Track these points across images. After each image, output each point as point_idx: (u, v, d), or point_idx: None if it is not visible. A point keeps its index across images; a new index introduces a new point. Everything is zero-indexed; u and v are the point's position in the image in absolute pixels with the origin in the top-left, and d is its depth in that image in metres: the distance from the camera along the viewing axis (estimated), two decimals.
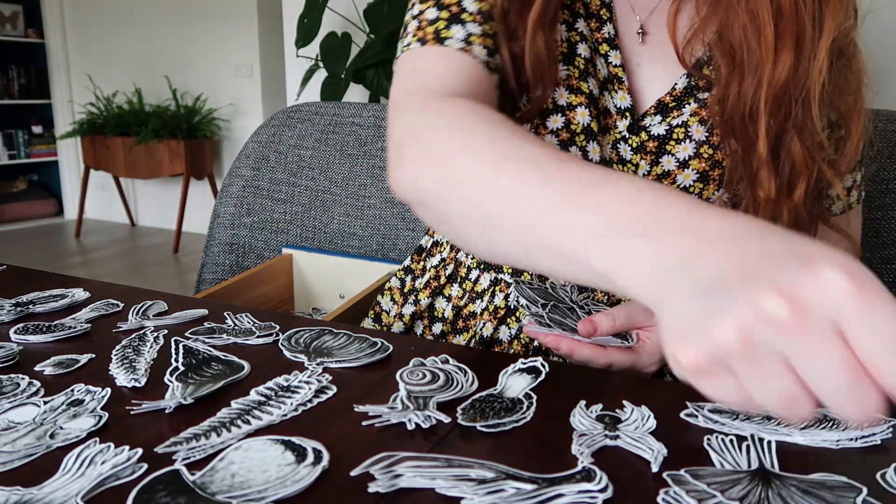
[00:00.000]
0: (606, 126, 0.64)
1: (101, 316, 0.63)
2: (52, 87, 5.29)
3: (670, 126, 0.63)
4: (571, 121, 0.63)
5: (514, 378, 0.50)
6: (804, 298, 0.28)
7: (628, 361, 0.57)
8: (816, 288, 0.28)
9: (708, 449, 0.41)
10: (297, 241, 1.15)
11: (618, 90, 0.64)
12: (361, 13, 2.49)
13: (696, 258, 0.32)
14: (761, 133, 0.53)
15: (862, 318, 0.28)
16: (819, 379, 0.29)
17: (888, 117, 0.89)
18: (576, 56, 0.62)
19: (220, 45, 4.49)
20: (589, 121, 0.63)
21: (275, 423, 0.43)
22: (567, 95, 0.62)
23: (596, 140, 0.63)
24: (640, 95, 0.65)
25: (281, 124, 1.19)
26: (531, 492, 0.35)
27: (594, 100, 0.63)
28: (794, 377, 0.29)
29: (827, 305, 0.28)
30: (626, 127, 0.64)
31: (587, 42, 0.63)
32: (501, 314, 0.72)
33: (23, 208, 5.27)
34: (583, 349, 0.56)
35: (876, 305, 0.28)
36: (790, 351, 0.29)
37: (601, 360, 0.56)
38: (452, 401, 0.46)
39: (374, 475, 0.37)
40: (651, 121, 0.64)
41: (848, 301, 0.28)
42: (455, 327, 0.75)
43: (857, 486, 0.37)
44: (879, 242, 0.87)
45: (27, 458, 0.39)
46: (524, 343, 0.71)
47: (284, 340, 0.57)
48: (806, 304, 0.28)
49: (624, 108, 0.63)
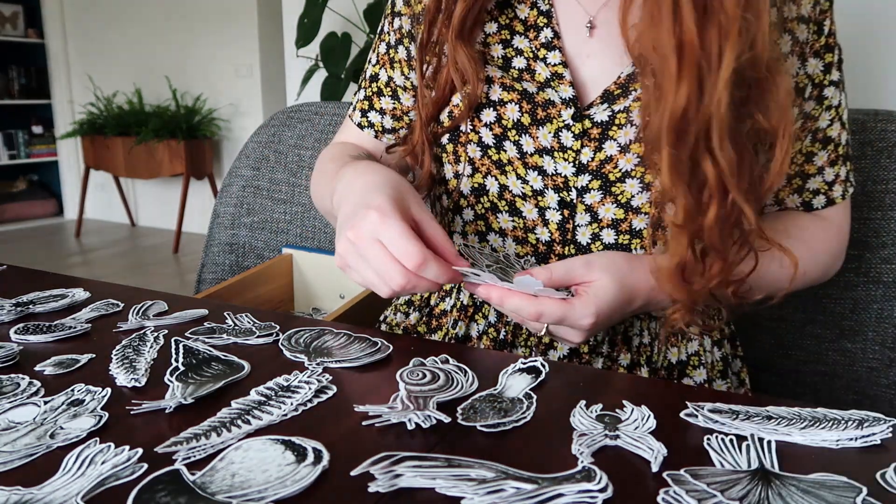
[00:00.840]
0: (548, 116, 0.67)
1: (101, 316, 0.63)
2: (52, 87, 5.29)
3: (613, 112, 0.66)
4: (502, 116, 0.69)
5: (514, 378, 0.50)
6: (360, 227, 0.55)
7: (559, 312, 0.57)
8: (363, 221, 0.55)
9: (708, 449, 0.41)
10: (297, 241, 1.15)
11: (560, 85, 0.67)
12: (361, 13, 2.49)
13: (342, 209, 0.60)
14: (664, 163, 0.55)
15: (382, 232, 0.54)
16: (375, 264, 0.55)
17: (888, 117, 0.89)
18: (511, 67, 0.69)
19: (220, 45, 4.49)
20: (519, 116, 0.68)
21: (275, 423, 0.43)
22: (500, 92, 0.69)
23: (529, 133, 0.68)
24: (587, 86, 0.68)
25: (281, 124, 1.19)
26: (531, 492, 0.35)
27: (528, 95, 0.68)
28: (373, 268, 0.55)
29: (369, 229, 0.55)
30: (570, 116, 0.67)
31: (524, 55, 0.69)
32: (470, 311, 0.75)
33: (23, 208, 5.27)
34: (512, 298, 0.57)
35: (388, 225, 0.54)
36: (360, 252, 0.55)
37: (531, 308, 0.57)
38: (452, 401, 0.46)
39: (374, 475, 0.37)
40: (596, 109, 0.66)
41: (377, 225, 0.54)
42: (429, 326, 0.79)
43: (857, 486, 0.37)
44: (879, 242, 0.87)
45: (27, 458, 0.39)
46: (492, 338, 0.73)
47: (284, 340, 0.57)
48: (360, 229, 0.55)
49: (567, 98, 0.67)
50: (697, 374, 0.72)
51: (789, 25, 0.64)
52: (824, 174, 0.70)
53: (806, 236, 0.69)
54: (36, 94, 5.31)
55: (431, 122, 0.72)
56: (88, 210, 5.19)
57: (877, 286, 0.87)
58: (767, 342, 0.94)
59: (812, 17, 0.65)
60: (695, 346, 0.73)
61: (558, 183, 0.68)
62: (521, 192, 0.70)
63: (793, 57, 0.65)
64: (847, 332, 0.90)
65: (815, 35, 0.65)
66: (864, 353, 0.89)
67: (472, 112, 0.70)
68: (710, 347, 0.74)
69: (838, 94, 0.68)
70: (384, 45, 0.79)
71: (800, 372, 0.93)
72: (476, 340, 0.74)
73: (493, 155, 0.70)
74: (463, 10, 0.66)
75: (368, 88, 0.81)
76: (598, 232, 0.68)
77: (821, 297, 0.90)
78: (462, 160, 0.72)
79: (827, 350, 0.91)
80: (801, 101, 0.67)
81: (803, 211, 0.72)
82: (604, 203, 0.67)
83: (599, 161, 0.66)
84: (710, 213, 0.55)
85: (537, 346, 0.72)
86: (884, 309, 0.87)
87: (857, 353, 0.89)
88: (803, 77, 0.66)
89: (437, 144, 0.74)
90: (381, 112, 0.80)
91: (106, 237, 4.84)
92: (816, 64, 0.66)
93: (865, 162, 0.87)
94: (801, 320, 0.92)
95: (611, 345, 0.71)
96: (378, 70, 0.79)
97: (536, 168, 0.68)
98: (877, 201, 0.87)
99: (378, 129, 0.81)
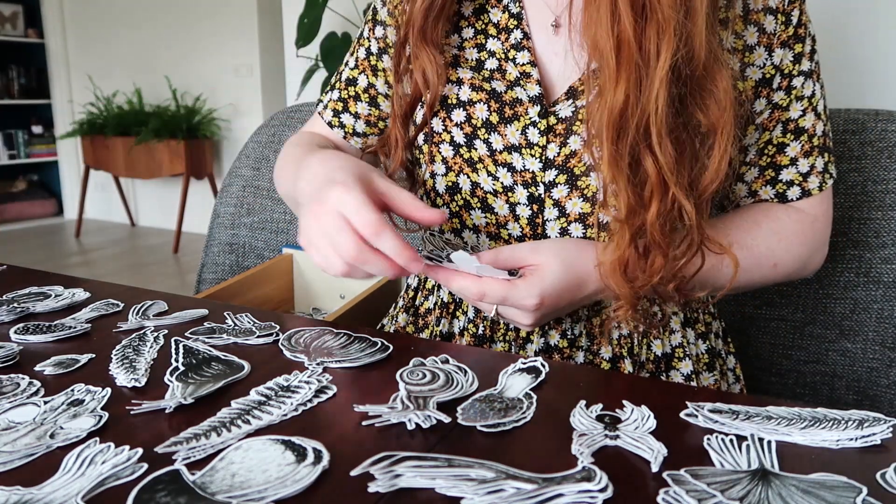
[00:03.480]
0: (516, 114, 0.69)
1: (101, 316, 0.63)
2: (52, 87, 5.29)
3: (576, 107, 0.67)
4: (472, 115, 0.71)
5: (514, 378, 0.50)
6: (323, 201, 0.56)
7: (501, 292, 0.59)
8: (327, 195, 0.55)
9: (708, 449, 0.41)
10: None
11: (528, 83, 0.69)
12: (361, 13, 2.49)
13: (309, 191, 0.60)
14: (604, 159, 0.57)
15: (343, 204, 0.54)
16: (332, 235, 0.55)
17: (888, 117, 0.89)
18: (483, 69, 0.71)
19: (220, 45, 4.49)
20: (488, 115, 0.70)
21: (275, 423, 0.43)
22: (469, 92, 0.71)
23: (497, 131, 0.70)
24: (554, 83, 0.69)
25: (281, 124, 1.19)
26: (531, 492, 0.35)
27: (496, 95, 0.70)
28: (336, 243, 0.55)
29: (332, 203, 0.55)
30: (536, 113, 0.68)
31: (496, 56, 0.71)
32: (451, 308, 0.76)
33: (23, 208, 5.27)
34: (456, 278, 0.60)
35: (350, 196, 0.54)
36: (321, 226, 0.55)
37: (474, 287, 0.59)
38: (452, 401, 0.46)
39: (374, 475, 0.37)
40: (561, 105, 0.67)
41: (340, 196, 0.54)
42: (417, 326, 0.80)
43: (857, 486, 0.37)
44: (879, 242, 0.87)
45: (27, 458, 0.39)
46: (472, 334, 0.74)
47: (284, 340, 0.57)
48: (323, 203, 0.55)
49: (534, 95, 0.68)
50: (684, 365, 0.72)
51: (755, 17, 0.65)
52: (798, 165, 0.69)
53: (778, 227, 0.69)
54: (36, 94, 5.31)
55: (405, 119, 0.74)
56: (88, 210, 5.19)
57: (877, 286, 0.87)
58: (767, 342, 0.94)
59: (780, 7, 0.65)
60: (678, 338, 0.73)
61: (527, 178, 0.69)
62: (492, 188, 0.71)
63: (759, 48, 0.66)
64: (847, 332, 0.90)
65: (783, 26, 0.66)
66: (864, 353, 0.89)
67: (434, 112, 0.72)
68: (693, 340, 0.74)
69: (811, 84, 0.68)
70: (363, 51, 0.80)
71: (800, 372, 0.93)
72: (458, 337, 0.76)
73: (464, 153, 0.71)
74: (422, 12, 0.68)
75: (344, 91, 0.82)
76: (566, 226, 0.69)
77: (821, 297, 0.90)
78: (436, 160, 0.73)
79: (827, 350, 0.91)
80: (768, 91, 0.67)
81: (778, 202, 0.71)
82: (570, 197, 0.68)
83: (565, 156, 0.67)
84: (651, 208, 0.56)
85: (515, 341, 0.72)
86: (884, 309, 0.87)
87: (858, 354, 0.89)
88: (770, 68, 0.66)
89: (415, 146, 0.76)
90: (356, 116, 0.81)
91: (106, 237, 4.84)
92: (785, 54, 0.66)
93: (865, 162, 0.87)
94: (801, 320, 0.92)
95: (590, 338, 0.71)
96: (357, 75, 0.80)
97: (506, 165, 0.69)
98: (877, 201, 0.87)
99: (348, 132, 0.82)
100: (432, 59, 0.69)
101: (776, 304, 0.93)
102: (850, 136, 0.88)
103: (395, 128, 0.74)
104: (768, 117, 0.68)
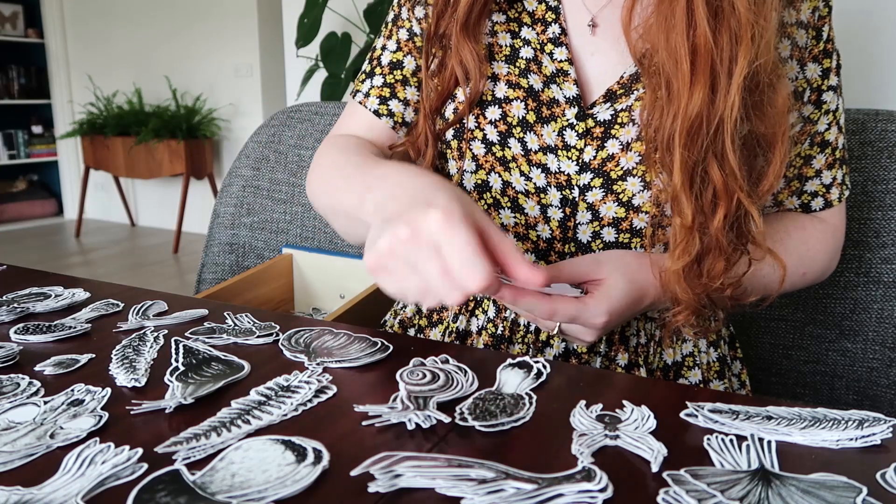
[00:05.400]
0: (553, 115, 0.68)
1: (101, 316, 0.63)
2: (52, 87, 5.29)
3: (615, 111, 0.66)
4: (507, 113, 0.69)
5: (508, 373, 0.50)
6: (418, 226, 0.45)
7: (573, 310, 0.58)
8: (423, 220, 0.45)
9: (708, 449, 0.41)
10: (297, 241, 1.15)
11: (564, 82, 0.68)
12: (361, 13, 2.49)
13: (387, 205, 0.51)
14: (676, 165, 0.56)
15: (445, 240, 0.44)
16: (426, 275, 0.45)
17: (888, 117, 0.89)
18: (518, 58, 0.69)
19: (220, 45, 4.49)
20: (524, 113, 0.68)
21: (275, 423, 0.43)
22: (505, 89, 0.69)
23: (533, 130, 0.68)
24: (591, 84, 0.68)
25: (281, 124, 1.19)
26: (531, 492, 0.35)
27: (534, 93, 0.68)
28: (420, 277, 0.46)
29: (430, 231, 0.45)
30: (573, 115, 0.67)
31: (531, 45, 0.69)
32: (471, 306, 0.75)
33: (23, 208, 5.27)
34: (526, 296, 0.56)
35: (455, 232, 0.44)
36: (411, 258, 0.46)
37: (544, 307, 0.56)
38: (452, 401, 0.46)
39: (374, 475, 0.37)
40: (599, 108, 0.67)
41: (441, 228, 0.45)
42: (430, 320, 0.78)
43: (857, 486, 0.37)
44: (879, 242, 0.87)
45: (27, 458, 0.39)
46: (491, 333, 0.73)
47: (284, 340, 0.57)
48: (418, 229, 0.45)
49: (571, 97, 0.67)
50: (693, 374, 0.72)
51: (789, 30, 0.65)
52: (822, 177, 0.70)
53: (805, 237, 0.70)
54: (36, 94, 5.31)
55: (435, 115, 0.72)
56: (88, 210, 5.18)
57: (877, 286, 0.87)
58: (767, 342, 0.94)
59: (811, 22, 0.65)
60: (689, 347, 0.73)
61: (561, 181, 0.68)
62: (524, 188, 0.70)
63: (792, 61, 0.66)
64: (847, 332, 0.90)
65: (814, 40, 0.66)
66: (864, 353, 0.89)
67: (473, 108, 0.70)
68: (705, 348, 0.74)
69: (836, 98, 0.69)
70: (405, 32, 0.74)
71: (800, 372, 0.93)
72: (476, 336, 0.75)
73: (497, 152, 0.70)
74: (468, 3, 0.66)
75: (389, 75, 0.74)
76: (598, 230, 0.68)
77: (821, 297, 0.90)
78: (466, 156, 0.72)
79: (827, 350, 0.91)
80: (800, 105, 0.67)
81: (801, 212, 0.72)
82: (605, 201, 0.67)
83: (601, 159, 0.67)
84: (717, 215, 0.56)
85: (534, 343, 0.72)
86: (884, 309, 0.87)
87: (858, 354, 0.89)
88: (802, 81, 0.67)
89: (442, 141, 0.74)
90: (405, 103, 0.74)
91: (106, 237, 4.84)
92: (815, 69, 0.67)
93: (865, 162, 0.87)
94: (801, 320, 0.92)
95: (608, 344, 0.71)
96: (401, 57, 0.74)
97: (540, 165, 0.68)
98: (877, 201, 0.87)
99: (398, 121, 0.75)
100: (474, 53, 0.67)
101: (776, 304, 0.93)
102: (851, 136, 0.88)
103: (424, 123, 0.71)
104: (800, 131, 0.68)
